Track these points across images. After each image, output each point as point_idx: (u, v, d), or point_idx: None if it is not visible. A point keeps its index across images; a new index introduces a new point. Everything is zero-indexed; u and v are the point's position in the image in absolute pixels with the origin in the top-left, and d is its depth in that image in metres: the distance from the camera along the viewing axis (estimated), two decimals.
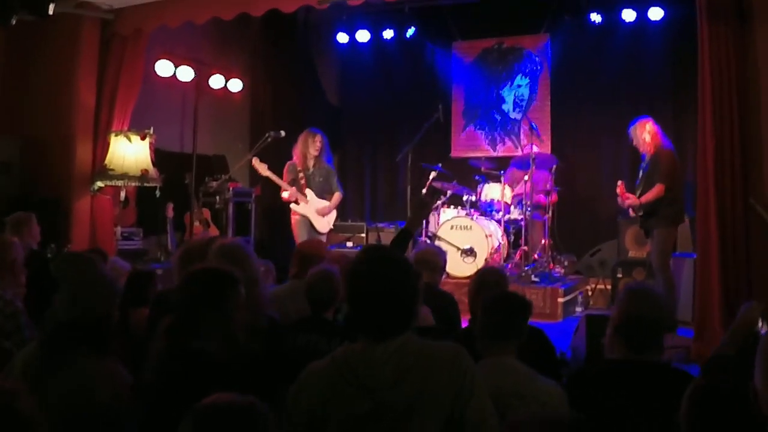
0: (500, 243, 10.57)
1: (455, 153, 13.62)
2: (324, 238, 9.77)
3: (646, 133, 8.70)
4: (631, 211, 8.99)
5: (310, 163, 9.89)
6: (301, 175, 9.78)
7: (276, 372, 3.77)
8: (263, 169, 9.73)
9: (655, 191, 8.43)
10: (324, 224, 9.93)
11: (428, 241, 10.30)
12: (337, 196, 9.99)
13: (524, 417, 2.16)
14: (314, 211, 9.80)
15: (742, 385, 2.56)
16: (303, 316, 4.81)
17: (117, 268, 6.49)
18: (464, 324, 5.91)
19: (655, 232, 8.62)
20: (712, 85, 7.51)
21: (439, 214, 11.05)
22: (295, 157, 9.89)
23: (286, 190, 9.70)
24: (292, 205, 9.80)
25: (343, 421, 2.77)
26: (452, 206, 11.15)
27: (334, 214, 10.06)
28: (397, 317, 2.86)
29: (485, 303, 3.79)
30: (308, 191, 9.77)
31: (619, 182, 8.91)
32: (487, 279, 4.87)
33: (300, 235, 9.66)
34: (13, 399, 2.10)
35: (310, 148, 9.83)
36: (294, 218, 9.84)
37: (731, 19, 7.54)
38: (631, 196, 8.75)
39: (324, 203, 9.87)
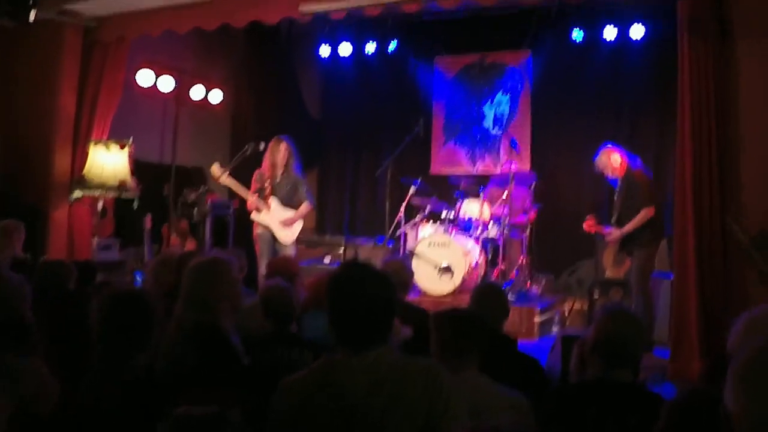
0: (478, 261, 10.54)
1: (435, 168, 13.62)
2: (291, 250, 9.49)
3: (612, 158, 8.78)
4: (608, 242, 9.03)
5: (278, 171, 9.58)
6: (267, 183, 9.55)
7: (251, 386, 3.76)
8: (223, 177, 9.38)
9: (641, 216, 8.50)
10: (287, 236, 9.53)
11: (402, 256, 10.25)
12: (304, 206, 9.66)
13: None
14: (277, 222, 9.46)
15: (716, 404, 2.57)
16: (267, 331, 4.78)
17: None
18: None
19: (636, 252, 8.64)
20: (692, 101, 7.54)
21: (417, 230, 11.02)
22: (263, 166, 9.63)
23: (247, 198, 9.44)
24: (254, 215, 9.51)
25: (321, 429, 2.82)
26: (431, 222, 11.12)
27: (299, 225, 9.69)
28: (374, 329, 2.91)
29: (434, 320, 3.80)
30: (272, 200, 9.45)
31: (588, 217, 8.95)
32: (487, 293, 4.86)
33: (261, 250, 9.44)
34: None
35: (275, 155, 9.54)
36: (255, 232, 9.57)
37: (712, 35, 7.56)
38: (611, 230, 8.77)
39: (289, 213, 9.53)
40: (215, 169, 9.41)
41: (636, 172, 8.70)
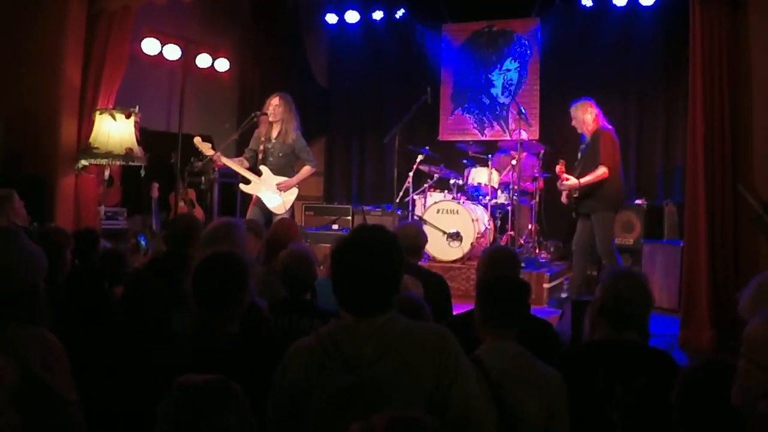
0: (486, 227, 10.52)
1: (443, 136, 13.57)
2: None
3: (588, 114, 8.69)
4: (564, 196, 8.90)
5: (273, 132, 9.13)
6: (262, 147, 9.15)
7: (256, 354, 3.74)
8: (206, 149, 9.03)
9: (597, 173, 8.41)
10: (278, 205, 9.03)
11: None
12: (305, 169, 9.18)
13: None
14: (267, 190, 8.99)
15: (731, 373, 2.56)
16: (280, 299, 4.75)
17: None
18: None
19: (594, 216, 8.54)
20: (703, 70, 7.48)
21: (426, 198, 10.99)
22: (260, 126, 9.27)
23: (243, 173, 9.07)
24: (241, 186, 9.19)
25: (326, 395, 2.80)
26: (439, 190, 11.09)
27: (293, 193, 9.14)
28: (380, 293, 2.87)
29: (483, 287, 3.72)
30: (263, 168, 9.06)
31: (560, 161, 8.86)
32: (501, 258, 4.78)
33: (253, 212, 9.07)
34: None
35: (268, 110, 9.09)
36: (254, 196, 9.19)
37: (723, 4, 7.50)
38: (570, 177, 8.67)
39: (282, 178, 9.05)
40: (198, 142, 9.12)
41: (605, 132, 8.60)
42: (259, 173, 9.06)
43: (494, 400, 3.19)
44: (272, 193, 9.04)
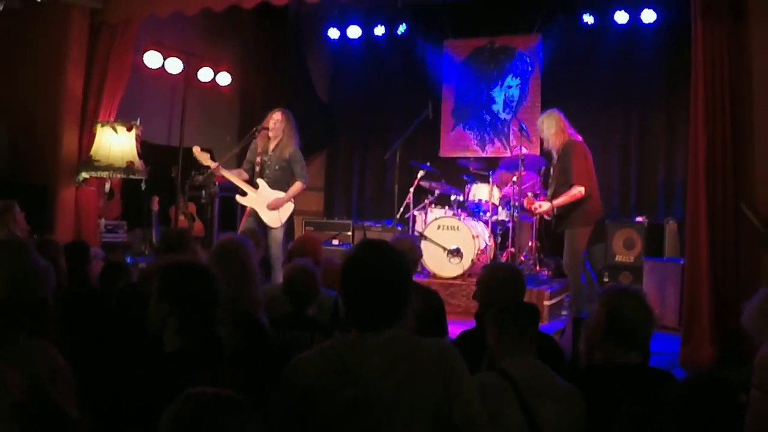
0: (487, 244, 10.51)
1: (444, 152, 13.56)
2: (280, 234, 8.87)
3: (555, 126, 8.51)
4: (546, 217, 8.86)
5: (270, 146, 9.01)
6: (258, 159, 9.05)
7: (258, 368, 3.73)
8: (205, 159, 8.90)
9: (572, 193, 8.26)
10: (274, 218, 8.89)
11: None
12: (296, 186, 9.01)
13: None
14: (263, 204, 8.88)
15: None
16: (284, 312, 4.75)
17: (98, 259, 6.45)
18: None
19: (568, 231, 8.45)
20: (705, 84, 7.45)
21: (426, 214, 10.98)
22: (258, 139, 9.15)
23: (241, 185, 8.97)
24: (237, 197, 9.11)
25: (330, 409, 2.78)
26: (440, 206, 11.08)
27: (289, 207, 9.03)
28: (388, 307, 2.88)
29: (502, 313, 3.71)
30: (260, 181, 8.97)
31: (526, 195, 8.82)
32: (503, 275, 4.70)
33: (245, 227, 8.85)
34: None
35: (267, 124, 8.98)
36: (248, 209, 9.10)
37: (726, 18, 7.47)
38: (542, 203, 8.60)
39: (277, 194, 8.92)
40: (197, 152, 8.99)
41: (575, 145, 8.46)
42: (256, 186, 9.00)
43: (522, 411, 3.23)
44: (269, 208, 8.94)
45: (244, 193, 9.03)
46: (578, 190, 8.23)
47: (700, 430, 2.65)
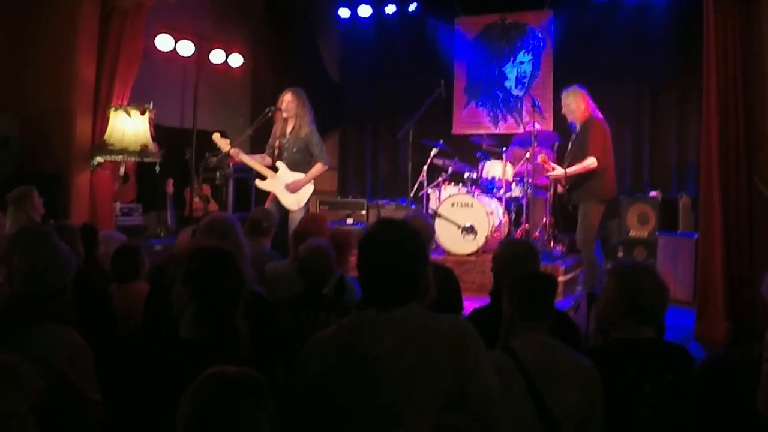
0: (501, 221, 10.50)
1: (457, 130, 13.56)
2: (300, 215, 8.57)
3: (579, 102, 8.60)
4: (559, 186, 8.87)
5: (287, 128, 9.04)
6: (277, 143, 9.07)
7: (265, 349, 3.75)
8: (224, 145, 8.96)
9: (585, 163, 8.37)
10: (292, 201, 8.92)
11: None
12: (316, 167, 9.00)
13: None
14: (282, 187, 8.91)
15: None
16: (298, 292, 4.77)
17: (113, 241, 6.49)
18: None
19: (581, 205, 8.53)
20: (717, 61, 7.45)
21: (440, 191, 10.98)
22: (276, 121, 9.17)
23: (260, 170, 9.00)
24: (257, 182, 9.13)
25: (347, 388, 2.78)
26: (453, 183, 11.07)
27: (308, 189, 9.03)
28: (403, 285, 2.88)
29: (516, 284, 3.70)
30: (280, 164, 9.00)
31: (542, 152, 8.81)
32: (519, 251, 4.73)
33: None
34: None
35: (281, 105, 9.01)
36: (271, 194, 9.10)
37: None
38: (556, 166, 8.65)
39: (297, 176, 8.95)
40: (217, 138, 9.08)
41: (596, 122, 8.54)
42: (276, 169, 9.01)
43: (528, 391, 3.21)
44: (287, 190, 8.97)
45: (263, 177, 9.04)
46: (591, 161, 8.33)
47: (719, 409, 2.66)
